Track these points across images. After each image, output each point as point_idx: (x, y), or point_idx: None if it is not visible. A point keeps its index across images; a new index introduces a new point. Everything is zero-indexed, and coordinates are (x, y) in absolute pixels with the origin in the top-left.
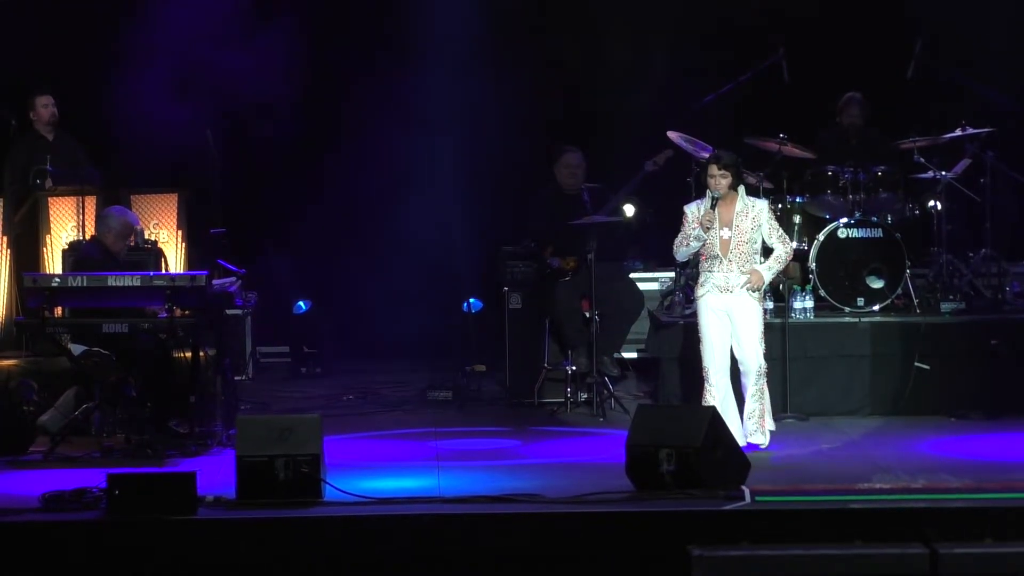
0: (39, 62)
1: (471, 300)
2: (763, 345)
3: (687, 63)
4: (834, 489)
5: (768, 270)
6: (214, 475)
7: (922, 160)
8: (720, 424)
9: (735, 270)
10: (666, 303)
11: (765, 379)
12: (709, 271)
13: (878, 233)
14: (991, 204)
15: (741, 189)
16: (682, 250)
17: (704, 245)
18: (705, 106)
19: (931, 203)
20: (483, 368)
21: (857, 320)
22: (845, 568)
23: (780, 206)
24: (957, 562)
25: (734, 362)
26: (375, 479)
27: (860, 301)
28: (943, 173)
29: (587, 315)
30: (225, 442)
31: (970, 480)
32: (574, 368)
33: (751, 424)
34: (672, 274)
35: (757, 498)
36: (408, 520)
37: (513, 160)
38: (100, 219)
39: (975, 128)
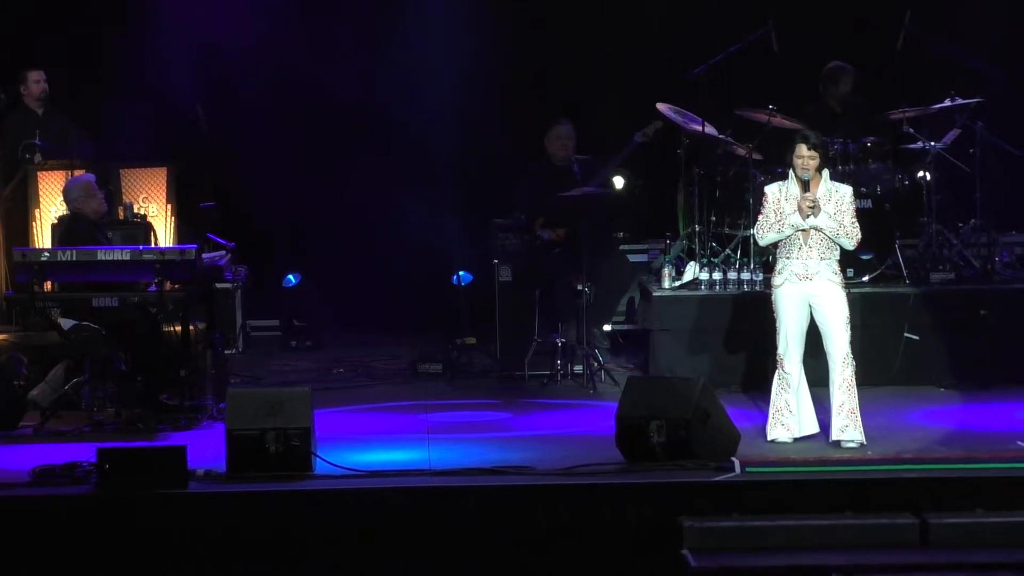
0: (31, 36)
1: (461, 273)
2: (849, 331)
3: (677, 34)
4: (824, 460)
5: (830, 218)
6: (205, 449)
7: (911, 131)
8: (711, 396)
9: (815, 256)
10: (655, 275)
11: (853, 369)
12: (787, 258)
13: (867, 204)
14: (980, 174)
15: (826, 173)
16: (770, 235)
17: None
18: (695, 77)
19: (920, 174)
20: (473, 341)
21: (847, 291)
22: (835, 538)
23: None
24: (947, 532)
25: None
26: (365, 452)
27: (850, 272)
28: (932, 144)
29: (577, 287)
30: (216, 416)
31: (960, 450)
32: (564, 340)
33: (841, 420)
34: (661, 246)
35: (748, 469)
36: (398, 493)
37: (503, 132)
38: (64, 199)
39: (964, 99)
